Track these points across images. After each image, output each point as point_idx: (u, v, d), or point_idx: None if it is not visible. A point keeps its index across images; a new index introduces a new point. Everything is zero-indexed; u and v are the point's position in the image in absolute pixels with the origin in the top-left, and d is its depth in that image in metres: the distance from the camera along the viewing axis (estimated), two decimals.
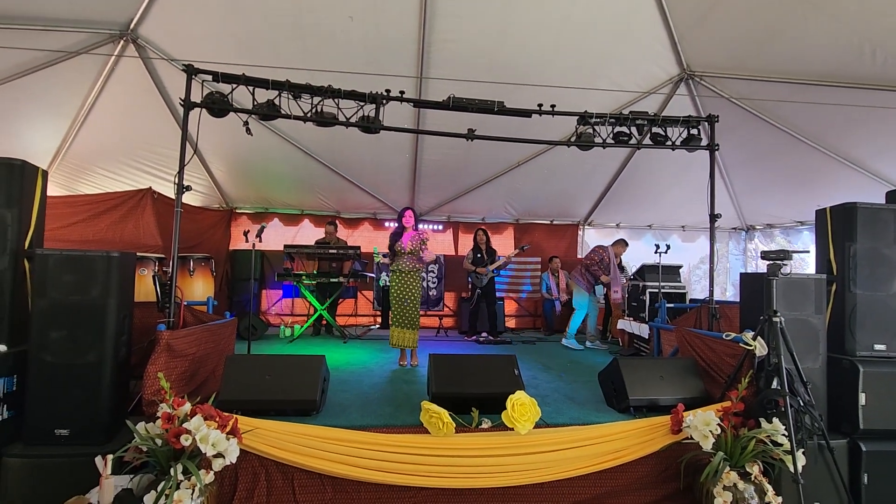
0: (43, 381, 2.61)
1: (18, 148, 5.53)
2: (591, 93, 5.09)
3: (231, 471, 2.56)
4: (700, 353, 3.57)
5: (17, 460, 2.53)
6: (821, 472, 2.89)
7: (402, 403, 3.37)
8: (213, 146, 6.24)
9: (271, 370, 3.04)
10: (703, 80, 5.45)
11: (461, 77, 4.88)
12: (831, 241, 3.39)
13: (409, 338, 4.71)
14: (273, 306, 7.97)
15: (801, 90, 4.82)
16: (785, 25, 4.29)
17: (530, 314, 8.75)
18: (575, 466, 2.75)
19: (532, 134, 4.83)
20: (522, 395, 2.85)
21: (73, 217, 5.72)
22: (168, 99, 5.52)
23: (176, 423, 2.36)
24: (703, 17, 4.65)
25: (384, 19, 4.66)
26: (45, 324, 2.63)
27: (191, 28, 4.80)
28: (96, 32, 4.68)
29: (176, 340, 2.92)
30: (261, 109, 3.82)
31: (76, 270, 2.68)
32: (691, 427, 2.77)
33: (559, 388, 3.97)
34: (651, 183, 7.55)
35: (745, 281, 3.64)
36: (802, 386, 2.83)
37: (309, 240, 7.56)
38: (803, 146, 5.70)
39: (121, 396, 2.87)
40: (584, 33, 4.88)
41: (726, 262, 9.12)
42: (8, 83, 4.82)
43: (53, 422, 2.60)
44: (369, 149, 6.31)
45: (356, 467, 2.60)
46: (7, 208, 2.74)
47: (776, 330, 2.83)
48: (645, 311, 5.75)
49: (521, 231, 8.77)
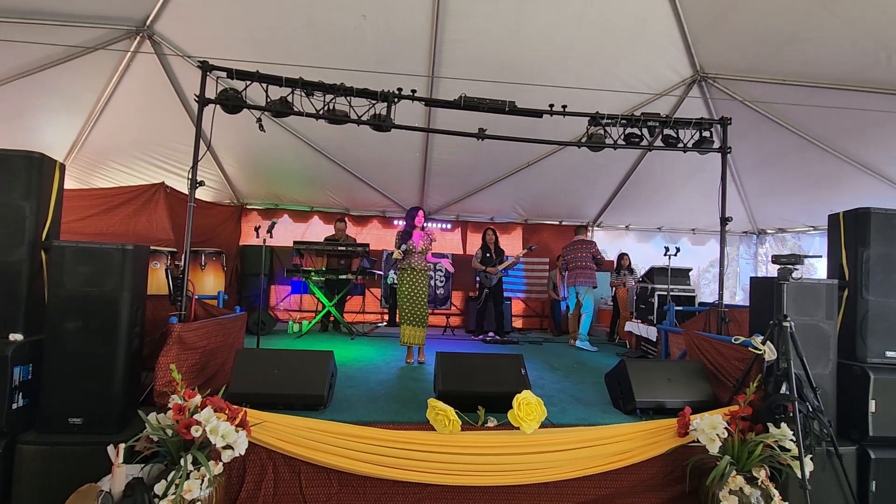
0: (58, 370, 2.66)
1: (36, 141, 5.64)
2: (603, 93, 5.08)
3: (239, 463, 2.59)
4: (708, 356, 3.55)
5: (31, 447, 2.58)
6: (829, 479, 2.87)
7: (408, 400, 3.39)
8: (226, 142, 6.30)
9: (280, 365, 3.07)
10: (716, 83, 5.42)
11: (473, 76, 4.89)
12: (844, 246, 3.35)
13: (418, 335, 4.74)
14: (282, 302, 8.03)
15: (815, 93, 4.78)
16: (800, 29, 4.26)
17: (537, 314, 8.74)
18: (580, 467, 2.75)
19: (542, 134, 4.83)
20: (529, 394, 2.86)
21: (88, 210, 5.81)
22: (182, 95, 5.58)
23: (186, 415, 2.40)
24: (717, 20, 4.62)
25: (396, 18, 4.68)
26: (60, 314, 2.68)
27: (206, 25, 4.85)
28: (113, 28, 4.75)
29: (187, 333, 2.96)
30: (274, 106, 3.86)
31: (91, 262, 2.72)
32: (698, 430, 2.76)
33: (566, 389, 3.97)
34: (662, 185, 7.51)
35: (755, 285, 3.61)
36: (812, 391, 2.81)
37: (318, 236, 7.61)
38: (816, 150, 5.64)
39: (133, 387, 2.92)
40: (598, 34, 4.87)
41: (736, 266, 9.05)
42: (27, 77, 4.91)
43: (67, 410, 2.65)
44: (379, 147, 6.34)
45: (362, 462, 2.62)
46: (25, 200, 2.78)
47: (786, 335, 2.80)
48: (653, 314, 5.72)
49: (529, 231, 8.76)
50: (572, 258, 6.68)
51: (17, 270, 2.72)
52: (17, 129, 5.52)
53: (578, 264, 6.58)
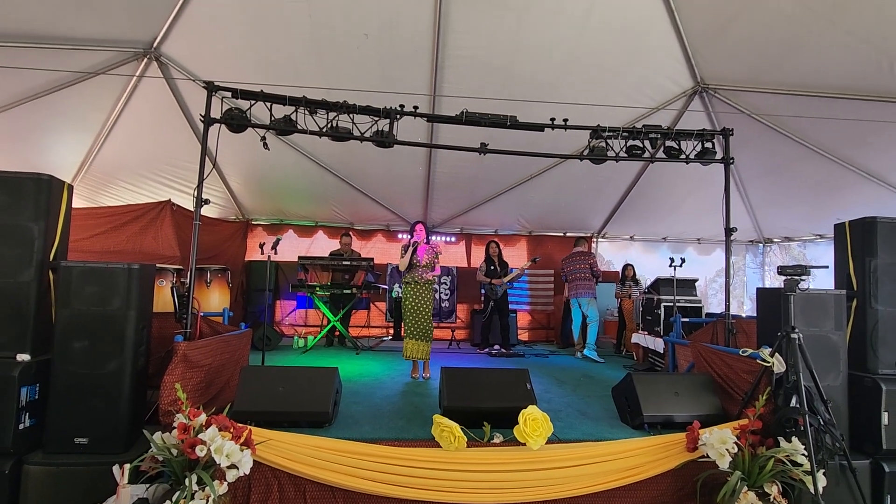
0: (64, 390, 2.68)
1: (45, 161, 5.73)
2: (604, 106, 5.10)
3: (244, 482, 2.58)
4: (716, 368, 3.51)
5: (37, 468, 2.59)
6: (842, 494, 2.81)
7: (413, 417, 3.37)
8: (231, 159, 6.37)
9: (285, 382, 3.07)
10: (717, 94, 5.44)
11: (474, 92, 4.94)
12: (851, 255, 3.33)
13: (422, 350, 4.72)
14: (287, 317, 8.04)
15: (818, 103, 4.78)
16: (800, 39, 4.28)
17: (543, 326, 8.69)
18: (588, 483, 2.72)
19: (544, 147, 4.86)
20: (535, 409, 2.83)
21: (96, 228, 5.86)
22: (188, 114, 5.67)
23: (191, 434, 2.40)
24: (717, 32, 4.65)
25: (398, 36, 4.75)
26: (67, 334, 2.70)
27: (211, 46, 4.94)
28: (121, 51, 4.85)
29: (192, 352, 2.97)
30: (278, 125, 3.90)
31: (98, 282, 2.75)
32: (707, 445, 2.72)
33: (572, 403, 3.93)
34: (666, 195, 7.51)
35: (762, 296, 3.58)
36: (823, 404, 2.77)
37: (323, 251, 7.65)
38: (821, 158, 5.63)
39: (138, 406, 2.92)
40: (598, 48, 4.91)
41: (743, 276, 8.98)
42: (37, 99, 5.01)
43: (73, 430, 2.66)
44: (383, 162, 6.39)
45: (367, 480, 2.60)
46: (34, 221, 2.83)
47: (794, 346, 2.77)
48: (660, 325, 5.67)
49: (534, 243, 8.76)
50: (570, 270, 6.69)
51: (25, 291, 2.76)
52: (27, 150, 5.62)
53: (578, 276, 6.60)
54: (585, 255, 6.72)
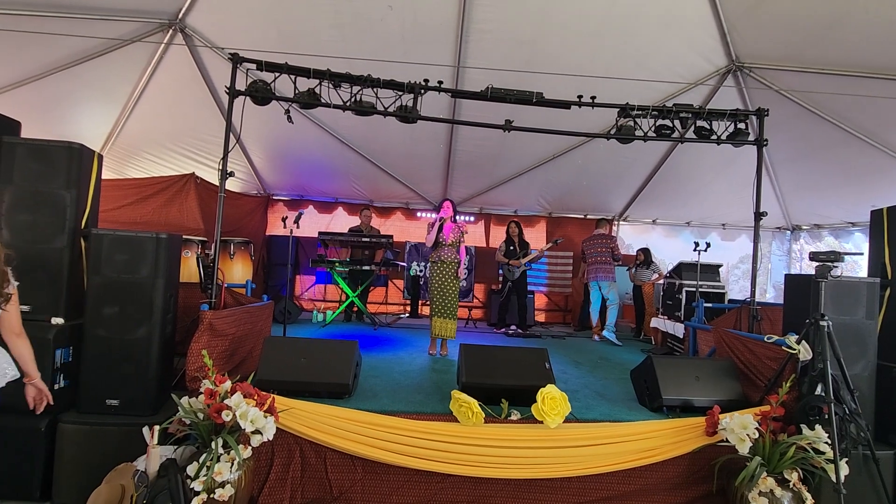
0: (96, 353, 2.78)
1: (74, 132, 5.81)
2: (633, 84, 4.96)
3: (268, 447, 2.66)
4: (739, 354, 3.46)
5: (71, 426, 2.71)
6: (864, 484, 2.78)
7: (432, 392, 3.41)
8: (253, 134, 6.38)
9: (306, 353, 3.12)
10: (752, 72, 5.23)
11: (499, 66, 4.83)
12: (887, 243, 3.21)
13: (449, 328, 4.74)
14: (306, 291, 8.16)
15: (858, 83, 4.56)
16: (842, 15, 4.06)
17: (560, 309, 8.66)
18: (604, 463, 2.73)
19: (569, 126, 4.74)
20: (553, 388, 2.84)
21: (123, 200, 5.99)
22: (212, 87, 5.68)
23: (217, 399, 2.47)
24: (754, 7, 4.44)
25: (423, 8, 4.64)
26: (98, 300, 2.79)
27: (235, 18, 4.91)
28: (147, 21, 4.86)
29: (218, 320, 3.03)
30: (302, 98, 3.89)
31: (128, 250, 2.82)
32: (727, 430, 2.70)
33: (589, 384, 3.93)
34: (691, 178, 7.32)
35: (790, 282, 3.50)
36: (849, 393, 2.72)
37: (342, 227, 7.68)
38: (858, 142, 5.40)
39: (166, 371, 3.02)
40: (628, 22, 4.74)
41: (768, 263, 8.77)
42: (66, 70, 5.06)
43: (105, 392, 2.77)
44: (404, 138, 6.35)
45: (386, 451, 2.66)
46: (66, 189, 2.89)
47: (823, 334, 2.71)
48: (680, 310, 5.60)
49: (553, 224, 8.67)
50: (591, 252, 6.59)
51: (59, 257, 2.84)
52: (55, 120, 5.72)
53: (597, 259, 6.50)
54: (607, 237, 6.61)
